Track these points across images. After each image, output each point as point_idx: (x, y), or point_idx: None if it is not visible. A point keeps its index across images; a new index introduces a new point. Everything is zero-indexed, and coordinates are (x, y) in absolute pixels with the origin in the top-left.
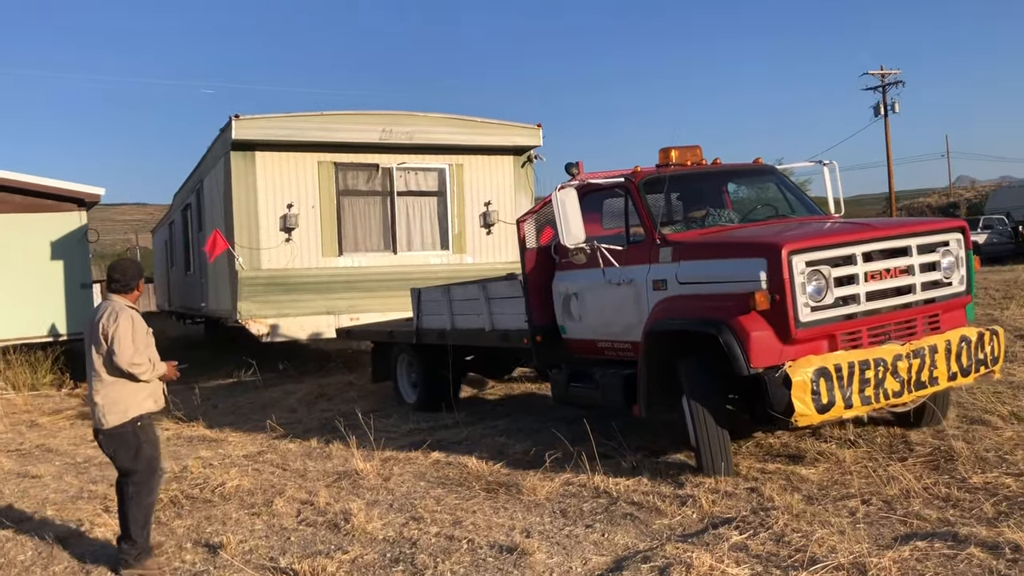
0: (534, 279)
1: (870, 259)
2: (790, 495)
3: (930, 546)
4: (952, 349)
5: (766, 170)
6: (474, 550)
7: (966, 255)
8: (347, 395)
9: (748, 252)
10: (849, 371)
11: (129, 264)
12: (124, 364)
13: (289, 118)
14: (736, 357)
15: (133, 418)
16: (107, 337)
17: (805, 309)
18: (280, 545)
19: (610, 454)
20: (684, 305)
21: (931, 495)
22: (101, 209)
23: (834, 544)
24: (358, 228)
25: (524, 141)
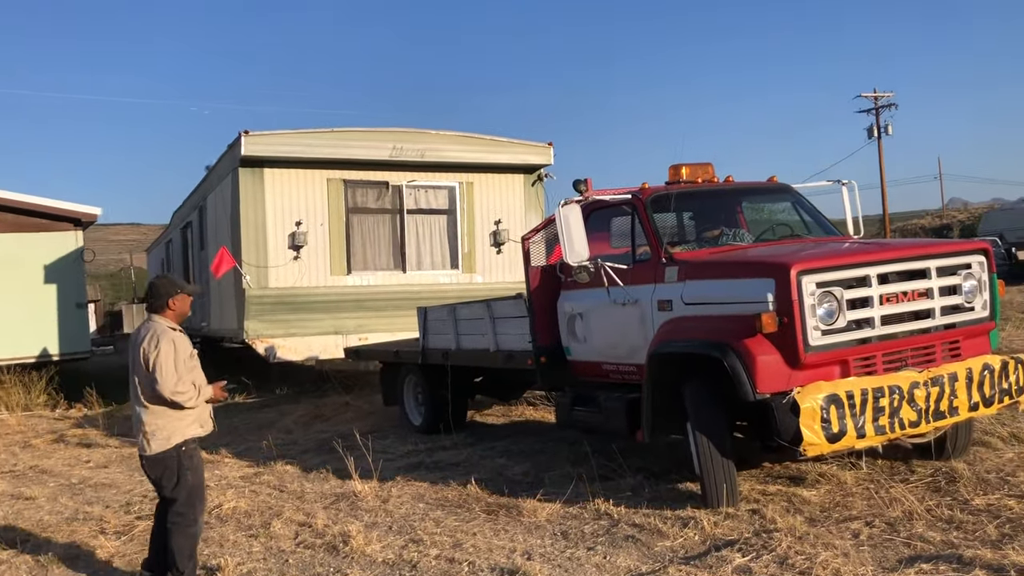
0: (539, 298)
1: (886, 281)
2: (792, 517)
3: (935, 568)
4: (974, 378)
5: (781, 188)
6: (475, 572)
7: (990, 279)
8: (344, 416)
9: (755, 272)
10: (862, 399)
11: (161, 282)
12: (167, 393)
13: (299, 135)
14: (742, 382)
15: (177, 444)
16: (148, 363)
17: (815, 332)
18: (278, 568)
19: (610, 476)
20: (689, 327)
21: (934, 517)
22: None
23: (838, 567)
24: (367, 246)
25: (535, 159)
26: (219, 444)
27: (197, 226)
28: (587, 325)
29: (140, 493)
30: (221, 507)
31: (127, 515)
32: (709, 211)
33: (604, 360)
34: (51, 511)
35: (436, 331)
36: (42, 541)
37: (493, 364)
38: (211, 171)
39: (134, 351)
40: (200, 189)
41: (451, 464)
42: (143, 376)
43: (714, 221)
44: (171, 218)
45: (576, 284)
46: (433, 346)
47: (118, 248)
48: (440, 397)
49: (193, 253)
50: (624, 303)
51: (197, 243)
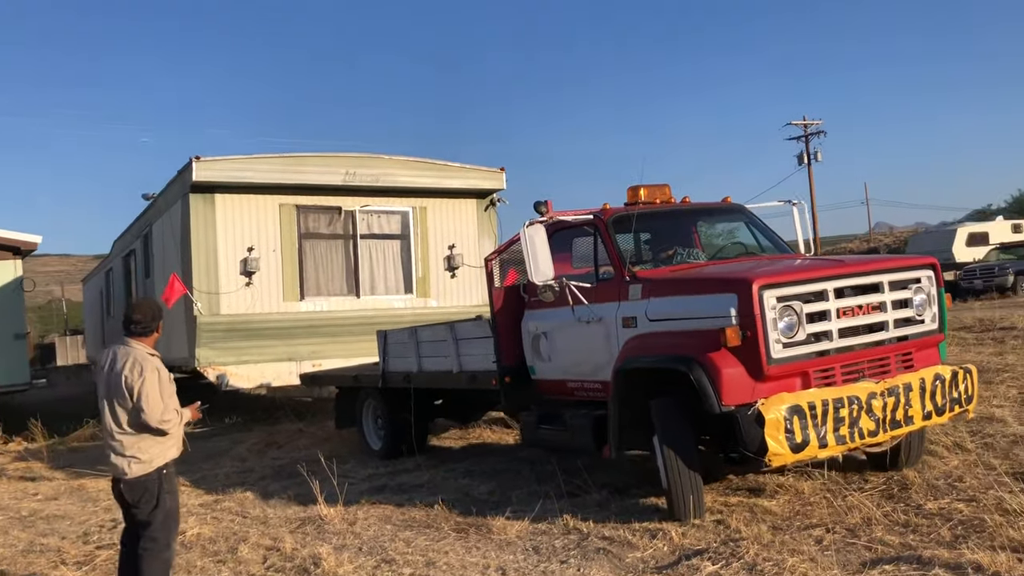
0: (503, 319)
1: (842, 295)
2: (757, 526)
3: (897, 569)
4: (927, 387)
5: (735, 209)
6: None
7: (938, 292)
8: (298, 443)
9: (719, 288)
10: (823, 409)
11: (150, 304)
12: (154, 423)
13: (251, 160)
14: (707, 395)
15: (159, 467)
16: (132, 392)
17: (777, 345)
18: None
19: (576, 492)
20: (654, 342)
21: (891, 521)
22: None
23: (806, 571)
24: (320, 272)
25: (487, 184)
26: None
27: (142, 254)
28: (552, 344)
29: (96, 524)
30: (184, 534)
31: (86, 545)
32: (667, 230)
33: (569, 378)
34: (4, 544)
35: (397, 354)
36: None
37: (457, 385)
38: (158, 197)
39: (112, 377)
40: (145, 216)
41: (415, 486)
42: (124, 403)
43: (671, 240)
44: (112, 247)
45: (540, 304)
46: (394, 369)
47: (46, 279)
48: (400, 420)
49: (137, 281)
50: (589, 321)
51: (142, 271)
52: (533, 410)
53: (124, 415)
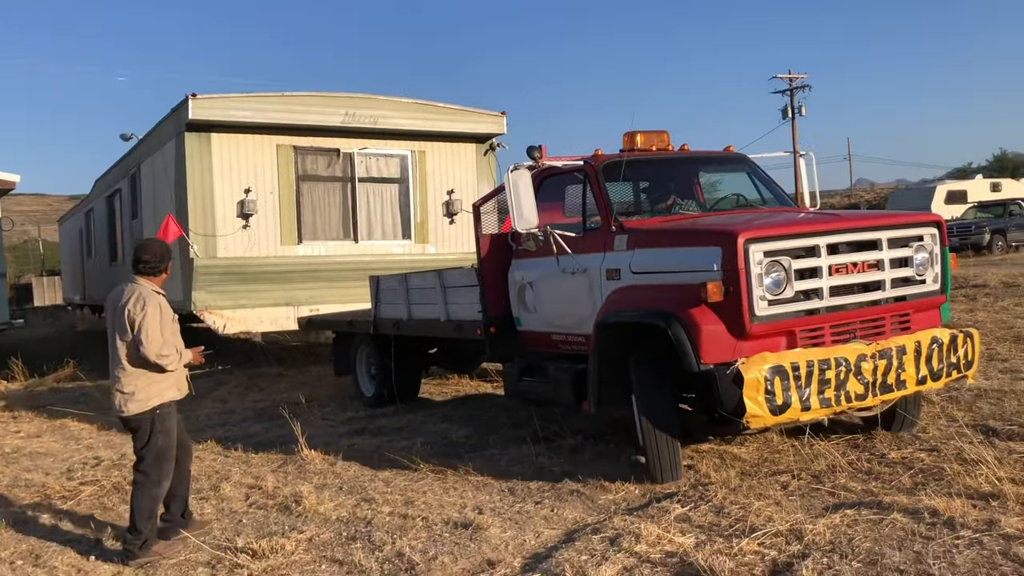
0: (489, 267)
1: (836, 252)
2: (726, 471)
3: (858, 513)
4: (922, 351)
5: (737, 158)
6: (429, 527)
7: (941, 252)
8: (278, 386)
9: (703, 240)
10: (808, 370)
11: (159, 245)
12: (152, 356)
13: (249, 98)
14: (686, 352)
15: (154, 407)
16: (133, 325)
17: (762, 303)
18: (233, 527)
19: (551, 437)
20: (637, 296)
21: (855, 469)
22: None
23: (771, 514)
24: (317, 215)
25: (488, 129)
26: None
27: (128, 194)
28: (537, 295)
29: (79, 461)
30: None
31: (69, 481)
32: (663, 180)
33: (553, 330)
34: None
35: (388, 300)
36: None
37: (443, 334)
38: (148, 136)
39: (116, 313)
40: (132, 155)
41: (394, 429)
42: (125, 337)
43: (668, 190)
44: (92, 186)
45: (526, 253)
46: (385, 316)
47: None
48: (395, 367)
49: (123, 222)
50: (573, 272)
51: (128, 211)
52: (516, 362)
53: (124, 350)
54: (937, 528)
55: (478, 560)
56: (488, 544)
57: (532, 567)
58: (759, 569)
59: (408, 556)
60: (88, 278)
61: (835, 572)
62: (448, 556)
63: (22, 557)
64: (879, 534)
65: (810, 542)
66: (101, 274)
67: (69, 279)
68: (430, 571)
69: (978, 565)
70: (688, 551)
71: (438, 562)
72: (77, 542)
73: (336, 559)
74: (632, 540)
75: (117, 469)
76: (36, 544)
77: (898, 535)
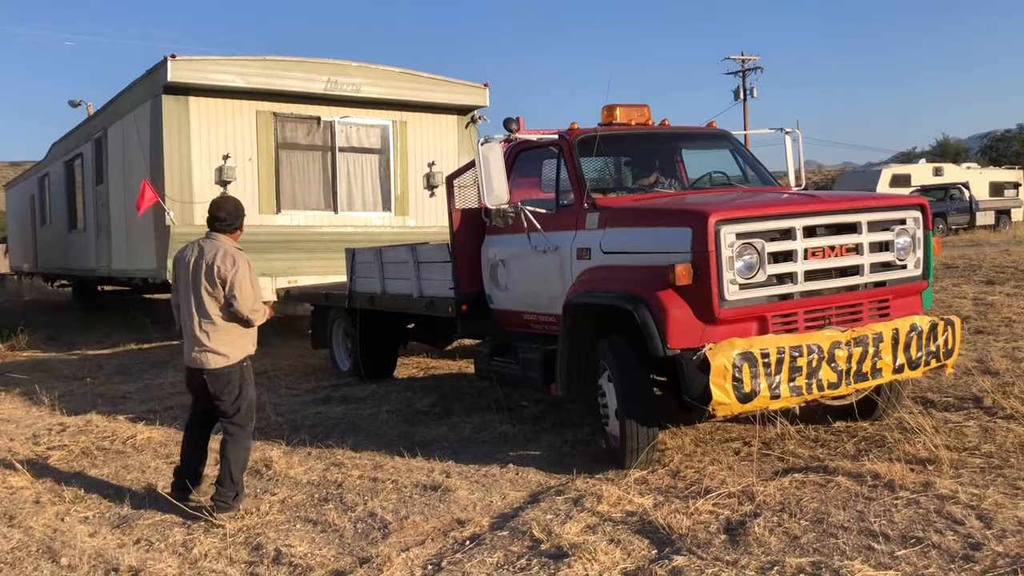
0: (462, 244)
1: (812, 234)
2: (681, 439)
3: (805, 477)
4: (900, 339)
5: (719, 135)
6: (399, 489)
7: (924, 236)
8: None
9: (673, 221)
10: (778, 357)
11: (233, 202)
12: (246, 311)
13: (229, 61)
14: (652, 336)
15: (240, 360)
16: (225, 282)
17: (732, 287)
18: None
19: (513, 406)
20: (606, 277)
21: (803, 437)
22: None
23: (724, 477)
24: (297, 184)
25: (470, 100)
26: (113, 382)
27: (92, 159)
28: (508, 272)
29: (44, 427)
30: (135, 438)
31: (36, 447)
32: (642, 156)
33: (525, 309)
34: None
35: (363, 274)
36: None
37: (416, 311)
38: (117, 99)
39: (198, 269)
40: (97, 119)
41: (359, 398)
42: (218, 294)
43: (648, 167)
44: (48, 151)
45: (499, 229)
46: (360, 290)
47: None
48: (368, 342)
49: (85, 188)
50: (544, 250)
51: (92, 177)
52: (487, 341)
53: (213, 305)
54: (878, 490)
55: (448, 519)
56: (457, 505)
57: (500, 525)
58: (714, 527)
59: (380, 516)
60: (41, 246)
61: (785, 530)
62: (419, 516)
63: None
64: (825, 495)
65: (761, 503)
66: (57, 242)
67: (18, 247)
68: (403, 529)
69: (915, 522)
70: (647, 511)
71: (410, 521)
72: (50, 504)
73: (310, 519)
74: (594, 501)
75: (83, 434)
76: (9, 506)
77: (842, 496)
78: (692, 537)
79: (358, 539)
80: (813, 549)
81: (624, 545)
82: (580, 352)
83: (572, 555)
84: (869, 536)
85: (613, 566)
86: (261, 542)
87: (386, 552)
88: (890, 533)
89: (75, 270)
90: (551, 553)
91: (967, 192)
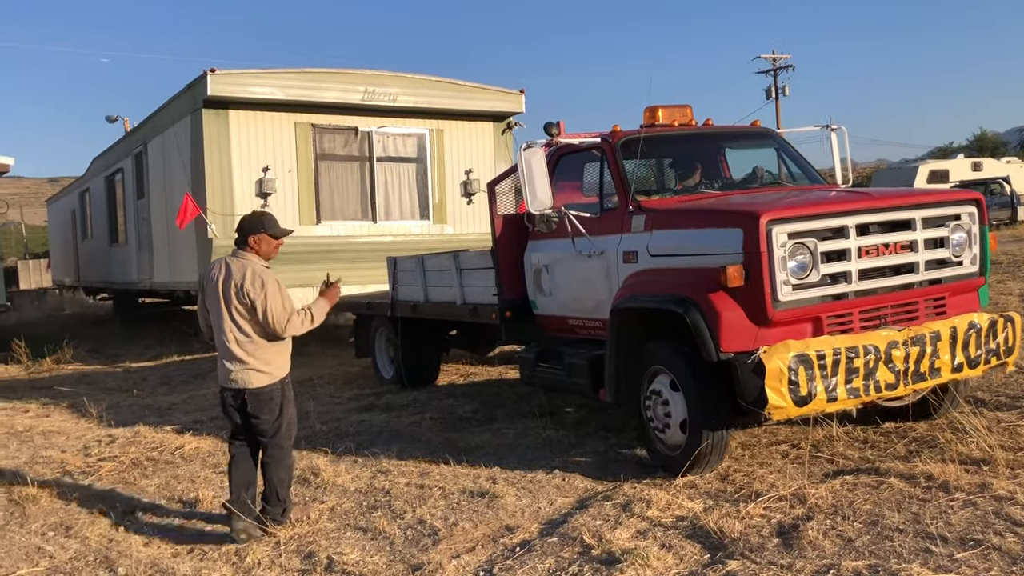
0: (505, 249)
1: (865, 232)
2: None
3: (857, 479)
4: (958, 337)
5: (764, 134)
6: (447, 496)
7: (980, 232)
8: None
9: (723, 221)
10: (834, 359)
11: (247, 217)
12: (281, 330)
13: (267, 74)
14: (705, 340)
15: (282, 378)
16: (256, 305)
17: (785, 287)
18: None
19: (556, 411)
20: (655, 280)
21: (851, 439)
22: None
23: (773, 480)
24: (335, 195)
25: (506, 107)
26: (158, 393)
27: (132, 173)
28: (553, 278)
29: (94, 438)
30: (183, 448)
31: (88, 457)
32: (686, 157)
33: (570, 315)
34: (5, 457)
35: (405, 282)
36: (5, 483)
37: (459, 318)
38: (157, 114)
39: (231, 289)
40: (137, 134)
41: (401, 405)
42: (246, 313)
43: (691, 168)
44: (88, 167)
45: (542, 234)
46: (403, 298)
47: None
48: (411, 350)
49: (126, 203)
50: (590, 254)
51: (133, 191)
52: (532, 347)
53: (247, 324)
54: (933, 491)
55: (497, 526)
56: (505, 511)
57: (550, 532)
58: (766, 531)
59: (430, 523)
60: (83, 260)
61: (839, 533)
62: (468, 523)
63: (53, 529)
64: (878, 497)
65: (813, 505)
66: (99, 256)
67: (60, 261)
68: (452, 536)
69: (973, 524)
70: (698, 515)
71: (459, 528)
72: (105, 514)
73: (360, 527)
74: (643, 506)
75: (132, 445)
76: (64, 516)
77: (896, 498)
78: (745, 541)
79: (408, 546)
80: (869, 552)
81: (676, 550)
82: (627, 357)
83: (624, 560)
84: (926, 539)
85: (666, 571)
86: (313, 550)
87: (437, 559)
88: (948, 535)
89: (116, 283)
90: (602, 559)
91: (1008, 187)
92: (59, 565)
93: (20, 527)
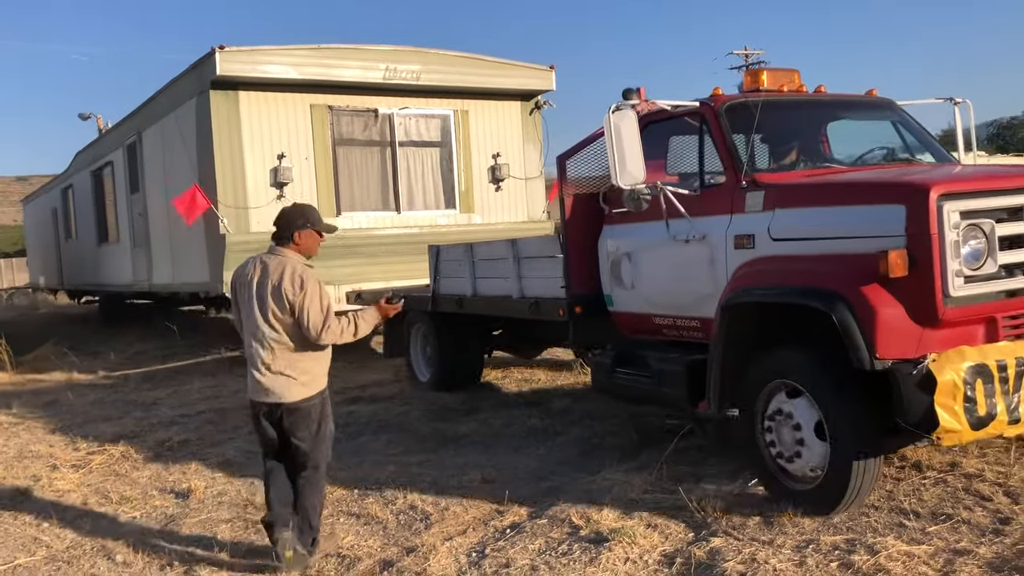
0: (575, 235)
1: None
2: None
3: None
4: None
5: (882, 104)
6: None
7: None
8: None
9: (879, 196)
10: (1017, 371)
11: (287, 210)
12: (316, 335)
13: (281, 51)
14: (856, 344)
15: (320, 390)
16: (294, 308)
17: (957, 279)
18: (247, 489)
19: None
20: (778, 270)
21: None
22: None
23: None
24: (355, 184)
25: (535, 85)
26: (144, 388)
27: (124, 167)
28: (637, 268)
29: (81, 433)
30: (171, 440)
31: (76, 452)
32: (790, 129)
33: (657, 312)
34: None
35: (450, 274)
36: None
37: (517, 314)
38: (154, 99)
39: (267, 289)
40: (130, 123)
41: (387, 396)
42: (285, 317)
43: (798, 140)
44: (71, 161)
45: (624, 217)
46: (446, 291)
47: None
48: (452, 349)
49: (118, 198)
50: (688, 239)
51: (125, 185)
52: (608, 350)
53: (285, 329)
54: (906, 471)
55: (487, 510)
56: (494, 496)
57: (539, 514)
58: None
59: (421, 508)
60: (67, 262)
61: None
62: (459, 507)
63: (47, 520)
64: None
65: None
66: (85, 257)
67: (38, 263)
68: (444, 520)
69: (944, 500)
70: (681, 496)
71: (450, 512)
72: (98, 505)
73: (352, 512)
74: (627, 488)
75: (121, 439)
76: (57, 508)
77: None
78: (727, 519)
79: (401, 530)
80: (846, 528)
81: (661, 529)
82: (735, 363)
83: (612, 539)
84: (900, 514)
85: (652, 548)
86: None
87: (431, 542)
88: (920, 511)
89: (108, 286)
90: (591, 538)
91: None
92: (57, 554)
93: (14, 519)
